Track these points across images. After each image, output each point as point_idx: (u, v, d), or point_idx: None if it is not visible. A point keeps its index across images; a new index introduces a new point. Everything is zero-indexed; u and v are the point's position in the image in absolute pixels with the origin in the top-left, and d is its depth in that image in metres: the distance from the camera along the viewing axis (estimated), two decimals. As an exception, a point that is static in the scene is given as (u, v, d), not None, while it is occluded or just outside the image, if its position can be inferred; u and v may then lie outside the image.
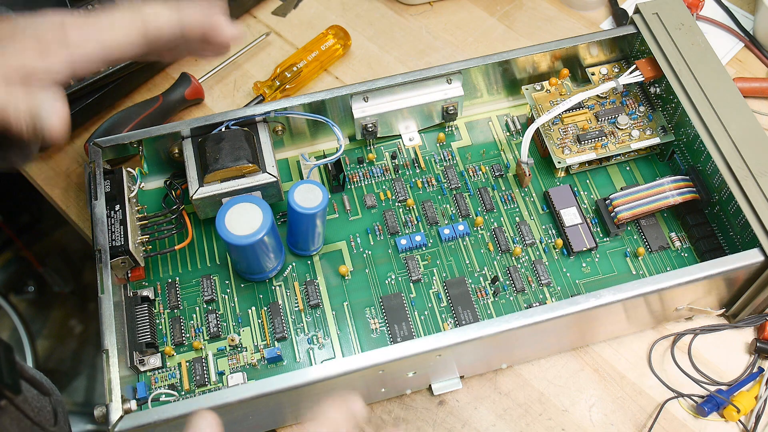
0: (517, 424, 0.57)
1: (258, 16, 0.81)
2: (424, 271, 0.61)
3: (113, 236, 0.56)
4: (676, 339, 0.60)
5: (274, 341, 0.58)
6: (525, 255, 0.62)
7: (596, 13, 0.80)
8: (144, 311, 0.58)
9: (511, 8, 0.81)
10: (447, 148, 0.67)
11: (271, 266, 0.59)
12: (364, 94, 0.64)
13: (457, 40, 0.78)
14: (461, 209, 0.64)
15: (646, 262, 0.61)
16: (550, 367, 0.60)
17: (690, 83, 0.60)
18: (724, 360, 0.60)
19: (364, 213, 0.64)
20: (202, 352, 0.58)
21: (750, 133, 0.57)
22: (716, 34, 0.78)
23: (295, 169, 0.67)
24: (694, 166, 0.61)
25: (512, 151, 0.67)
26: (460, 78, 0.65)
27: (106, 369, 0.50)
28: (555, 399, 0.58)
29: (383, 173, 0.66)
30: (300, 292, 0.60)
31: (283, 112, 0.62)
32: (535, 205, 0.64)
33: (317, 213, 0.56)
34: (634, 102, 0.66)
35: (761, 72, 0.75)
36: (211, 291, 0.60)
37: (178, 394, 0.56)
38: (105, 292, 0.53)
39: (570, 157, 0.63)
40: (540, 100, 0.66)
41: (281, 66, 0.74)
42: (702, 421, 0.57)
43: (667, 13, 0.64)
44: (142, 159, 0.62)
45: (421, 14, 0.81)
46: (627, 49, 0.68)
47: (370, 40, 0.79)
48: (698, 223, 0.61)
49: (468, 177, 0.66)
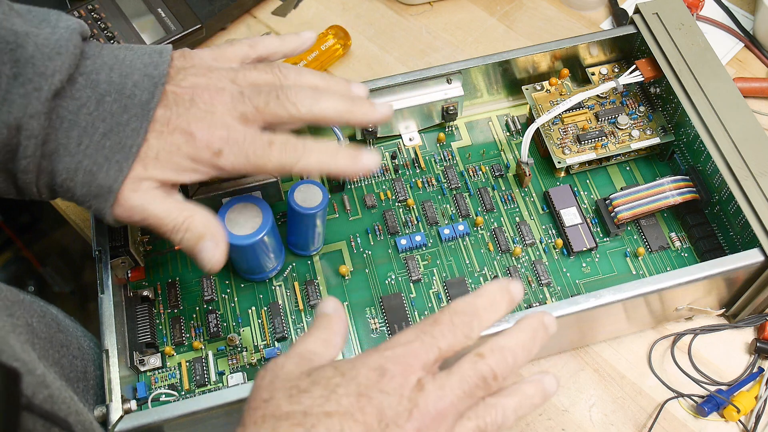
0: (517, 424, 0.57)
1: (258, 16, 0.81)
2: (424, 271, 0.61)
3: (113, 236, 0.56)
4: (676, 339, 0.60)
5: (274, 341, 0.58)
6: (525, 255, 0.62)
7: (596, 13, 0.80)
8: (144, 311, 0.58)
9: (511, 8, 0.81)
10: (447, 148, 0.67)
11: (271, 266, 0.59)
12: (364, 94, 0.64)
13: (457, 40, 0.78)
14: (461, 209, 0.64)
15: (646, 262, 0.61)
16: (550, 367, 0.60)
17: (690, 83, 0.60)
18: (724, 360, 0.60)
19: (364, 213, 0.64)
20: (202, 352, 0.58)
21: (750, 133, 0.57)
22: (716, 34, 0.78)
23: (295, 169, 0.67)
24: (694, 166, 0.61)
25: (512, 151, 0.67)
26: (460, 78, 0.65)
27: (106, 369, 0.50)
28: (555, 399, 0.58)
29: (383, 173, 0.66)
30: (300, 292, 0.60)
31: (283, 112, 0.62)
32: (535, 205, 0.64)
33: (317, 213, 0.56)
34: (634, 102, 0.66)
35: (761, 72, 0.75)
36: (211, 291, 0.60)
37: (178, 394, 0.56)
38: (105, 292, 0.53)
39: (570, 157, 0.63)
40: (540, 100, 0.66)
41: (281, 66, 0.74)
42: (702, 421, 0.57)
43: (667, 13, 0.64)
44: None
45: (421, 14, 0.81)
46: (627, 49, 0.68)
47: (370, 40, 0.79)
48: (698, 223, 0.61)
49: (468, 177, 0.66)
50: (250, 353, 0.57)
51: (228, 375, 0.56)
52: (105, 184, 0.45)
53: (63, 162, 0.44)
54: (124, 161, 0.45)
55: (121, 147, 0.45)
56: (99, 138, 0.44)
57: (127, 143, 0.45)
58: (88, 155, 0.44)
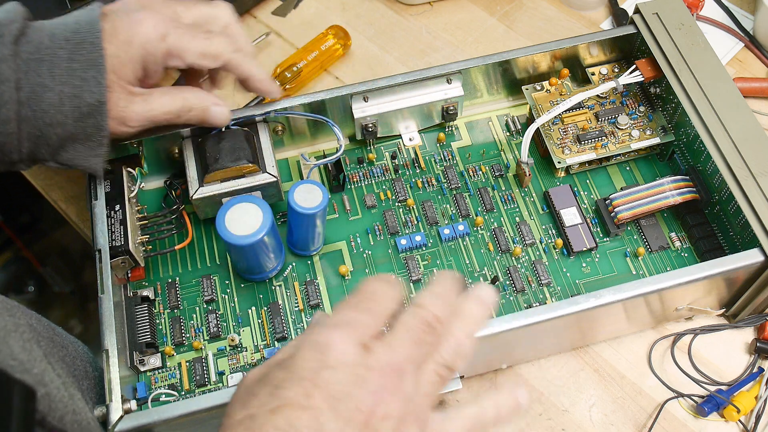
0: (517, 424, 0.57)
1: (258, 16, 0.81)
2: (424, 271, 0.61)
3: (113, 236, 0.56)
4: (676, 339, 0.60)
5: (274, 341, 0.58)
6: (525, 255, 0.62)
7: (596, 13, 0.80)
8: (144, 311, 0.58)
9: (511, 8, 0.81)
10: (447, 148, 0.67)
11: (271, 266, 0.59)
12: (364, 94, 0.64)
13: (457, 40, 0.78)
14: (461, 209, 0.64)
15: (646, 262, 0.61)
16: (550, 367, 0.60)
17: (690, 83, 0.60)
18: (724, 360, 0.60)
19: (364, 213, 0.64)
20: (202, 352, 0.58)
21: (750, 133, 0.57)
22: (716, 34, 0.78)
23: (295, 169, 0.67)
24: (694, 166, 0.61)
25: (512, 151, 0.67)
26: (460, 78, 0.65)
27: (106, 369, 0.50)
28: (555, 399, 0.58)
29: (383, 173, 0.66)
30: (300, 292, 0.60)
31: (283, 112, 0.62)
32: (535, 205, 0.64)
33: (317, 213, 0.56)
34: (634, 102, 0.66)
35: (761, 72, 0.75)
36: (211, 291, 0.60)
37: (178, 394, 0.56)
38: (105, 292, 0.53)
39: (570, 157, 0.63)
40: (540, 100, 0.66)
41: (281, 66, 0.74)
42: (702, 421, 0.57)
43: (667, 13, 0.64)
44: (142, 159, 0.62)
45: (421, 14, 0.81)
46: (627, 49, 0.68)
47: (370, 40, 0.79)
48: (698, 223, 0.61)
49: (468, 177, 0.66)
50: (250, 353, 0.57)
51: (228, 375, 0.56)
52: (92, 100, 0.50)
53: (46, 99, 0.49)
54: (99, 74, 0.50)
55: (89, 63, 0.50)
56: (66, 63, 0.50)
57: (92, 57, 0.50)
58: (64, 81, 0.50)
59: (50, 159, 0.53)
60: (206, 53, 0.55)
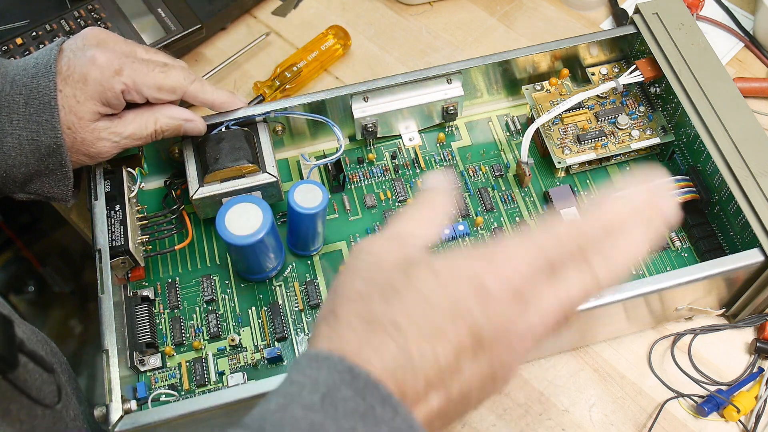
0: (517, 424, 0.57)
1: (258, 16, 0.81)
2: (424, 271, 0.61)
3: (113, 236, 0.56)
4: (676, 339, 0.60)
5: (274, 341, 0.58)
6: (525, 255, 0.62)
7: (596, 13, 0.80)
8: (144, 311, 0.58)
9: (511, 8, 0.81)
10: (447, 148, 0.67)
11: (271, 266, 0.59)
12: (364, 94, 0.64)
13: (457, 40, 0.78)
14: (461, 209, 0.64)
15: (646, 262, 0.61)
16: (550, 367, 0.60)
17: (690, 83, 0.60)
18: (724, 360, 0.60)
19: (364, 213, 0.64)
20: (202, 352, 0.58)
21: (750, 133, 0.57)
22: (716, 34, 0.78)
23: (295, 169, 0.67)
24: (694, 166, 0.61)
25: (512, 151, 0.67)
26: (460, 78, 0.65)
27: (106, 369, 0.50)
28: (555, 399, 0.58)
29: (383, 173, 0.66)
30: (300, 292, 0.60)
31: (283, 112, 0.62)
32: (535, 205, 0.64)
33: (317, 213, 0.56)
34: (634, 102, 0.66)
35: (761, 72, 0.75)
36: (211, 291, 0.60)
37: (178, 394, 0.56)
38: (105, 292, 0.53)
39: (570, 157, 0.63)
40: (540, 100, 0.66)
41: (281, 66, 0.74)
42: (702, 421, 0.57)
43: (667, 13, 0.64)
44: (142, 159, 0.62)
45: (421, 14, 0.81)
46: (627, 49, 0.68)
47: (370, 40, 0.79)
48: (698, 223, 0.61)
49: (468, 177, 0.66)
50: (250, 353, 0.57)
51: (228, 375, 0.56)
52: (49, 143, 0.52)
53: (7, 143, 0.52)
54: (52, 117, 0.52)
55: (43, 107, 0.52)
56: (23, 108, 0.52)
57: (45, 100, 0.52)
58: (22, 126, 0.52)
59: (19, 192, 0.55)
60: (162, 87, 0.55)
